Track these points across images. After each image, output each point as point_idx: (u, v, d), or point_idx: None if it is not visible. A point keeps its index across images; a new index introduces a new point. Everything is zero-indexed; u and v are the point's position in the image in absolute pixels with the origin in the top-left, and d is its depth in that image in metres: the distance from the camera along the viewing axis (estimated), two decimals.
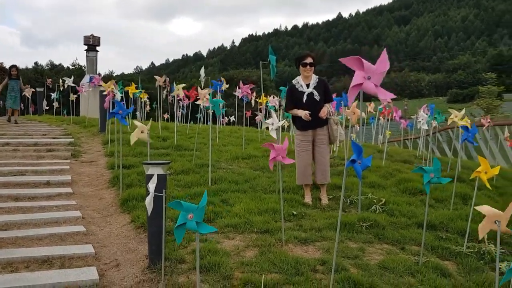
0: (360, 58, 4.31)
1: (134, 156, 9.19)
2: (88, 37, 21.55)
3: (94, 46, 21.66)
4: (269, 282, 4.27)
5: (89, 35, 21.60)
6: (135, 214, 6.05)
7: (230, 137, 12.36)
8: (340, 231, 5.57)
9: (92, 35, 21.65)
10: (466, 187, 7.75)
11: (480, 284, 4.67)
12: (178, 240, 3.53)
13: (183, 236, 3.62)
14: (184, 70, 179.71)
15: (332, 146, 7.42)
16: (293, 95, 6.76)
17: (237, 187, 7.22)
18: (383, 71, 4.30)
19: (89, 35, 21.60)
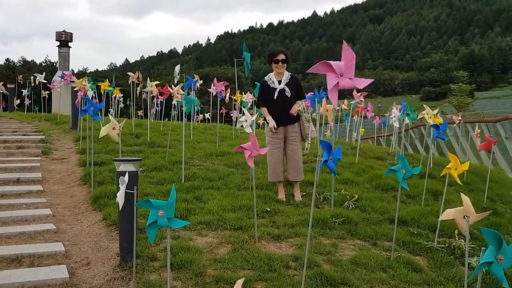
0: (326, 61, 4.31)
1: (107, 153, 9.08)
2: (60, 33, 21.23)
3: (67, 42, 21.34)
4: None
5: (61, 31, 21.28)
6: (106, 211, 5.97)
7: (205, 134, 12.31)
8: (313, 227, 5.60)
9: (65, 31, 21.34)
10: (437, 183, 7.85)
11: (450, 278, 4.74)
12: (151, 238, 3.49)
13: (156, 234, 3.58)
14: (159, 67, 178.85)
15: (304, 143, 7.42)
16: (264, 91, 6.76)
17: (210, 184, 7.18)
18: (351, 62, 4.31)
19: (61, 31, 21.28)
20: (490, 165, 8.46)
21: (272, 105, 6.66)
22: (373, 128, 17.63)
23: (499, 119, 12.15)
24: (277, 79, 6.73)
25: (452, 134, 14.64)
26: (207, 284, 4.21)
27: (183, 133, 7.81)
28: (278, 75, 6.73)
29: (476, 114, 23.11)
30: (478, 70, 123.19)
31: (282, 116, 6.62)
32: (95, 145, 8.91)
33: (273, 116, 6.68)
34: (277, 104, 6.62)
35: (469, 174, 8.70)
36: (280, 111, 6.62)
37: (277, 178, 6.80)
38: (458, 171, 5.47)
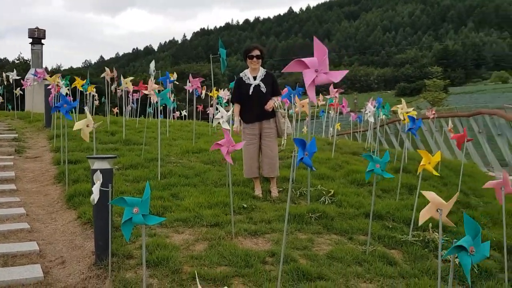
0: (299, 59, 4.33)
1: (81, 151, 8.99)
2: (33, 30, 20.87)
3: (39, 39, 20.99)
4: (219, 275, 4.26)
5: (34, 28, 20.92)
6: (81, 210, 5.92)
7: (181, 131, 12.25)
8: (290, 223, 5.62)
9: (37, 28, 20.99)
10: (411, 177, 7.95)
11: (424, 271, 4.81)
12: (126, 236, 3.47)
13: (131, 231, 3.56)
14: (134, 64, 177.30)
15: (280, 139, 7.43)
16: (240, 87, 6.76)
17: (187, 181, 7.16)
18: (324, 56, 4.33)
19: (34, 28, 20.92)
20: (463, 159, 8.58)
21: (248, 100, 6.66)
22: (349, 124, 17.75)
23: (471, 113, 12.35)
24: (252, 75, 6.73)
25: (427, 129, 14.83)
26: (183, 281, 4.20)
27: (159, 130, 7.77)
28: (253, 71, 6.74)
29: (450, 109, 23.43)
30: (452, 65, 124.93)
31: (257, 112, 6.62)
32: (70, 143, 8.81)
33: (248, 111, 6.68)
34: (252, 99, 6.63)
35: (443, 168, 8.82)
36: (255, 106, 6.62)
37: (252, 174, 6.81)
38: (432, 164, 5.54)
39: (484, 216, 6.79)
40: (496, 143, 11.62)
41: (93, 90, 13.00)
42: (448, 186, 8.11)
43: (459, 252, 3.03)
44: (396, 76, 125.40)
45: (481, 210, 7.06)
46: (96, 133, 5.97)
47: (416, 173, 7.66)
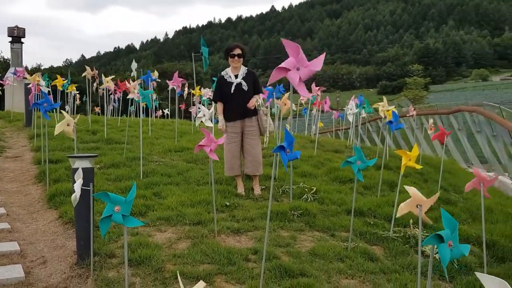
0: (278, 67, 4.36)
1: (62, 150, 8.91)
2: (12, 28, 20.63)
3: (19, 38, 20.75)
4: (202, 273, 4.27)
5: (13, 26, 20.69)
6: (62, 209, 5.87)
7: (163, 130, 12.21)
8: (272, 220, 5.65)
9: (17, 26, 20.75)
10: (393, 174, 8.02)
11: (405, 266, 4.87)
12: (102, 232, 3.46)
13: (108, 229, 3.55)
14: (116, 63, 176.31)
15: (263, 137, 7.45)
16: (221, 86, 6.76)
17: (169, 180, 7.14)
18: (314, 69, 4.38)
19: (13, 26, 20.69)
20: (443, 156, 8.68)
21: (229, 99, 6.67)
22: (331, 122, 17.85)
23: (451, 111, 12.50)
24: (234, 73, 6.75)
25: (408, 126, 14.96)
26: (166, 279, 4.20)
27: (141, 129, 7.75)
28: (234, 70, 6.75)
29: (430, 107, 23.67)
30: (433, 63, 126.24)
31: (239, 110, 6.64)
32: (50, 142, 8.74)
33: (230, 110, 6.69)
34: (234, 98, 6.64)
35: (423, 165, 8.90)
36: (237, 105, 6.63)
37: (233, 172, 6.81)
38: (413, 160, 5.61)
39: (464, 211, 6.89)
40: (476, 140, 11.77)
41: (74, 89, 12.90)
42: (429, 182, 8.21)
43: (439, 244, 3.07)
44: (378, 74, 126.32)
45: (461, 206, 7.16)
46: (77, 132, 5.92)
47: (397, 170, 7.74)
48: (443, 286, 4.67)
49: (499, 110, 9.51)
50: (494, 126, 9.51)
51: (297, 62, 4.22)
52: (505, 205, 7.65)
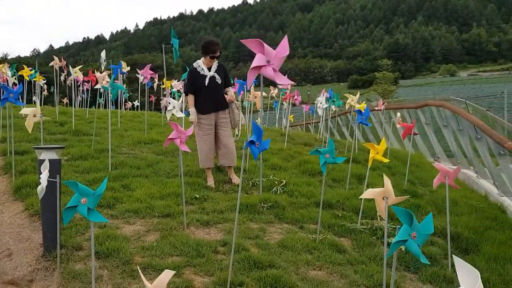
0: (262, 41, 4.38)
1: (29, 141, 8.75)
2: None
3: None
4: (170, 265, 4.27)
5: None
6: (29, 201, 5.78)
7: (133, 122, 12.10)
8: (242, 213, 5.67)
9: None
10: (361, 167, 8.11)
11: (372, 258, 4.95)
12: (64, 221, 3.43)
13: (75, 220, 3.51)
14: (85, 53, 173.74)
15: (234, 130, 7.45)
16: (195, 78, 6.74)
17: (138, 172, 7.09)
18: (283, 56, 4.39)
19: None
20: (411, 150, 8.82)
21: (204, 91, 6.66)
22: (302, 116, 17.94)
23: (419, 105, 12.67)
24: (207, 66, 6.74)
25: (377, 120, 15.13)
26: (134, 272, 4.18)
27: (109, 121, 7.67)
28: (208, 63, 6.75)
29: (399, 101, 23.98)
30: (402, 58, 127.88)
31: (214, 103, 6.66)
32: (16, 133, 8.57)
33: (204, 102, 6.68)
34: (209, 90, 6.64)
35: (391, 158, 9.03)
36: (211, 97, 6.65)
37: (209, 164, 6.82)
38: (381, 153, 5.69)
39: (430, 204, 7.02)
40: (443, 134, 11.97)
41: (41, 80, 12.68)
42: (396, 175, 8.32)
43: (404, 244, 3.14)
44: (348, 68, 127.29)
45: (427, 199, 7.29)
46: (44, 123, 5.83)
47: (365, 163, 7.83)
48: (408, 277, 4.76)
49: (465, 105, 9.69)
50: (460, 120, 9.69)
51: (266, 55, 4.23)
52: (470, 198, 7.82)
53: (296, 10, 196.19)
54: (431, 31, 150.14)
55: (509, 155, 7.24)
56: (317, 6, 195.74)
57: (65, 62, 11.72)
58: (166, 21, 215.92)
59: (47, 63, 34.09)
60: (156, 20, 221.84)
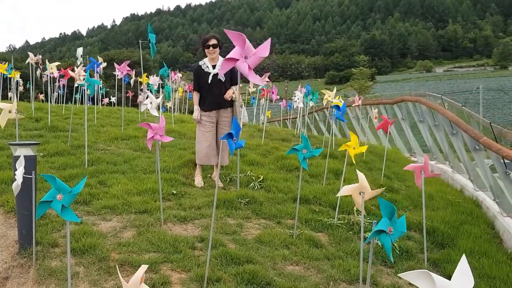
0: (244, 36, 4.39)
1: (4, 138, 8.62)
2: None
3: None
4: (147, 261, 4.25)
5: None
6: (4, 198, 5.71)
7: (109, 118, 12.00)
8: (219, 208, 5.68)
9: None
10: (338, 163, 8.16)
11: (349, 252, 5.00)
12: (37, 215, 3.40)
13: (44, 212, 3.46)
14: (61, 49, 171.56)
15: None
16: (199, 76, 6.74)
17: (115, 168, 7.05)
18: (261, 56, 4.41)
19: None
20: (387, 145, 8.91)
21: (207, 89, 6.66)
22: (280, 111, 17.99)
23: (395, 101, 12.78)
24: (212, 64, 6.73)
25: (354, 116, 15.25)
26: (111, 268, 4.17)
27: (86, 117, 7.60)
28: (212, 60, 6.72)
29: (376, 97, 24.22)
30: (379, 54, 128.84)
31: (216, 100, 6.64)
32: None
33: (207, 100, 6.68)
34: (212, 88, 6.63)
35: (367, 154, 9.12)
36: (214, 95, 6.64)
37: (208, 162, 6.77)
38: (356, 151, 5.75)
39: (406, 199, 7.11)
40: (419, 130, 12.10)
41: (16, 76, 12.49)
42: (373, 170, 8.41)
43: (379, 235, 3.19)
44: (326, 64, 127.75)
45: (403, 194, 7.38)
46: (19, 119, 5.75)
47: (342, 158, 7.89)
48: (384, 271, 4.82)
49: (441, 100, 9.79)
50: (436, 116, 9.80)
51: (244, 51, 4.24)
52: (446, 193, 7.93)
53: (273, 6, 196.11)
54: (407, 27, 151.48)
55: (484, 150, 7.34)
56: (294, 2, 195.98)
57: (40, 57, 11.57)
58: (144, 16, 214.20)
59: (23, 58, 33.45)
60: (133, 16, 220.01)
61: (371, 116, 10.17)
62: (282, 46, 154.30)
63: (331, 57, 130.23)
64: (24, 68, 18.92)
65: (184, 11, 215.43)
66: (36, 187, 4.34)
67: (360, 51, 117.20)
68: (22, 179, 3.92)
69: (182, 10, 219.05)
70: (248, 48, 4.25)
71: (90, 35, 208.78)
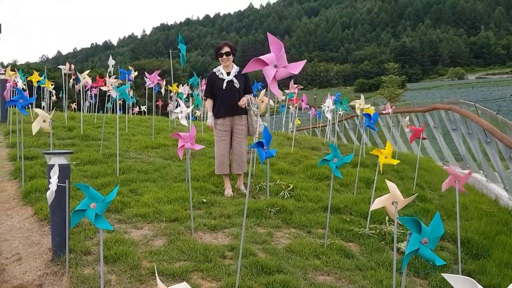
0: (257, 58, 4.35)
1: (38, 147, 8.80)
2: None
3: None
4: (178, 270, 4.26)
5: None
6: (38, 206, 5.80)
7: (140, 127, 12.13)
8: (249, 217, 5.66)
9: None
10: (369, 172, 8.08)
11: (381, 263, 4.92)
12: (72, 224, 3.43)
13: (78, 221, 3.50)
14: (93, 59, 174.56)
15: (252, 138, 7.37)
16: (213, 82, 6.77)
17: (146, 177, 7.11)
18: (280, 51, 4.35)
19: None
20: (419, 153, 8.78)
21: (221, 95, 6.69)
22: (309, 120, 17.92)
23: (427, 108, 12.61)
24: (226, 71, 6.76)
25: (384, 124, 15.10)
26: (142, 276, 4.18)
27: (117, 126, 7.69)
28: (226, 68, 6.77)
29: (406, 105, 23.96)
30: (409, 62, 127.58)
31: (230, 107, 6.66)
32: (26, 138, 8.62)
33: (221, 106, 6.70)
34: (226, 94, 6.65)
35: (399, 163, 9.00)
36: (228, 101, 6.65)
37: (223, 171, 6.79)
38: (387, 161, 5.67)
39: (439, 209, 6.97)
40: (451, 138, 11.92)
41: (50, 86, 12.74)
42: (405, 180, 8.29)
43: (416, 253, 3.12)
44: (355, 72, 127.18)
45: (436, 203, 7.25)
46: (53, 128, 5.85)
47: (373, 167, 7.81)
48: (417, 282, 4.73)
49: (474, 108, 9.64)
50: (469, 124, 9.64)
51: (277, 59, 4.23)
52: (480, 202, 7.77)
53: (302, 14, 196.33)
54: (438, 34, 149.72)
55: None
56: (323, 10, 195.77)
57: (74, 67, 11.77)
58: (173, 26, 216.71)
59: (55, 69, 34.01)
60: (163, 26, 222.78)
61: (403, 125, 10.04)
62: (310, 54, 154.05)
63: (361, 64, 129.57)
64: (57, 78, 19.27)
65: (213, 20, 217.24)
66: (69, 195, 4.39)
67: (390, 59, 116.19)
68: (56, 188, 3.97)
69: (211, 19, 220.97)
70: (281, 57, 4.22)
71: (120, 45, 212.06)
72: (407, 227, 3.12)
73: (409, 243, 3.09)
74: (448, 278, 2.06)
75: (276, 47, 4.17)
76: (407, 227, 3.12)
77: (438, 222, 3.11)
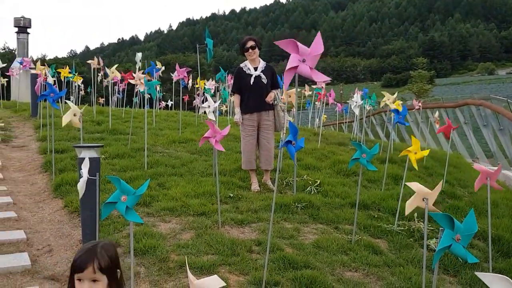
0: (295, 41, 4.36)
1: (68, 140, 8.94)
2: (18, 19, 20.61)
3: (25, 28, 20.71)
4: (206, 264, 4.29)
5: (19, 17, 20.67)
6: (68, 199, 5.90)
7: (167, 121, 12.21)
8: (276, 212, 5.66)
9: (23, 17, 20.74)
10: (397, 168, 8.00)
11: (410, 260, 4.88)
12: (102, 215, 3.48)
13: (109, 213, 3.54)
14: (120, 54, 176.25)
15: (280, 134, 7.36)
16: (240, 78, 6.76)
17: (173, 171, 7.16)
18: (317, 53, 4.37)
19: (19, 17, 20.67)
20: (449, 150, 8.66)
21: (248, 91, 6.67)
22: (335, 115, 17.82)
23: (458, 104, 12.44)
24: (253, 66, 6.74)
25: (413, 120, 14.93)
26: (170, 269, 4.22)
27: (145, 120, 7.76)
28: (253, 62, 6.74)
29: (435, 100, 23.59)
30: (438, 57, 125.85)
31: (257, 102, 6.63)
32: (56, 132, 8.75)
33: (248, 102, 6.69)
34: (253, 90, 6.63)
35: (428, 159, 8.90)
36: (256, 97, 6.63)
37: (250, 166, 6.79)
38: (417, 156, 5.61)
39: (469, 206, 6.87)
40: (482, 134, 11.73)
41: (78, 80, 12.91)
42: (434, 176, 8.19)
43: (448, 250, 3.07)
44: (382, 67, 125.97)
45: (466, 200, 7.15)
46: (82, 122, 5.93)
47: (401, 163, 7.73)
48: (447, 280, 4.68)
49: (506, 103, 9.46)
50: (501, 120, 9.47)
51: (300, 55, 4.21)
52: (511, 200, 7.63)
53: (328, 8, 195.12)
54: (468, 28, 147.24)
55: None
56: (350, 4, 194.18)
57: (102, 62, 11.90)
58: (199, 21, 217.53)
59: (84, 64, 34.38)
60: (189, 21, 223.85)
61: (432, 121, 9.90)
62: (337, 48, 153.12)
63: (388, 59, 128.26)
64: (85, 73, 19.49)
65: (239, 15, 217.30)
66: (100, 188, 4.45)
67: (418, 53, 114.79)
68: (86, 180, 4.03)
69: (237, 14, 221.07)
70: (302, 50, 4.21)
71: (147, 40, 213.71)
72: (439, 223, 3.07)
73: (441, 239, 3.05)
74: (482, 277, 2.03)
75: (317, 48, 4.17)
76: (439, 223, 3.07)
77: (472, 219, 3.05)
